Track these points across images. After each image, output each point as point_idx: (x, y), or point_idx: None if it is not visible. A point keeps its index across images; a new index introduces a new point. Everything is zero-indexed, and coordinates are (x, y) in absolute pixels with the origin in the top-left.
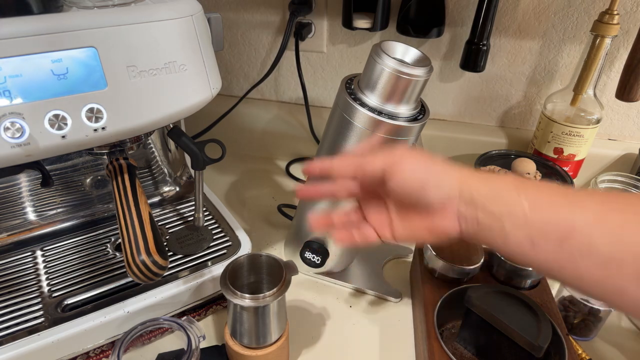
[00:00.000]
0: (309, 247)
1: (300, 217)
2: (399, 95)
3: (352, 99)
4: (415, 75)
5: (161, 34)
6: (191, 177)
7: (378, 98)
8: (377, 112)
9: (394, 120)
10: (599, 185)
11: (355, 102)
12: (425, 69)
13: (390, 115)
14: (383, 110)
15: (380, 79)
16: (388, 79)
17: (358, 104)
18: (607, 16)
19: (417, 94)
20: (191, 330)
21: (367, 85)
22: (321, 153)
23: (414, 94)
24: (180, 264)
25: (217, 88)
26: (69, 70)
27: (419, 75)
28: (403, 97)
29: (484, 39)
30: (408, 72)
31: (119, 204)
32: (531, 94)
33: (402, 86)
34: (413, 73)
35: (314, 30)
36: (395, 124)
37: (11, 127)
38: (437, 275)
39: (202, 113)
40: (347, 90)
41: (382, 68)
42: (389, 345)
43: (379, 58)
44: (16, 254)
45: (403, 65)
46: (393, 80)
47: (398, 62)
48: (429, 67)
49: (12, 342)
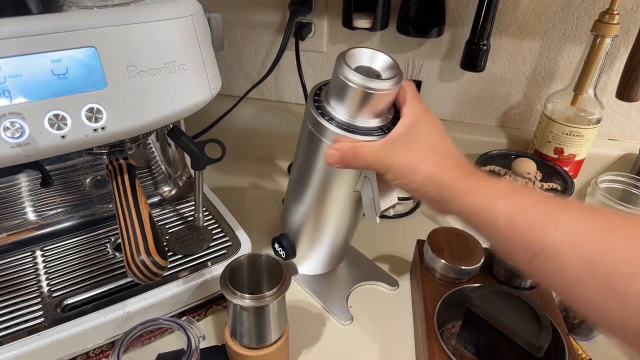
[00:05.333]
0: (279, 242)
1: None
2: (368, 110)
3: (320, 114)
4: (382, 89)
5: (161, 34)
6: (191, 177)
7: (346, 113)
8: (346, 128)
9: (365, 136)
10: (599, 185)
11: (323, 118)
12: (392, 81)
13: (360, 130)
14: (351, 126)
15: (346, 93)
16: (353, 95)
17: (326, 119)
18: (608, 16)
19: (387, 105)
20: (191, 331)
21: (334, 98)
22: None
23: (384, 107)
24: (180, 264)
25: (217, 88)
26: (68, 70)
27: (386, 89)
28: (372, 110)
29: (484, 38)
30: (373, 87)
31: (119, 204)
32: (531, 94)
33: (369, 101)
34: (379, 87)
35: (314, 30)
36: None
37: (11, 127)
38: (437, 275)
39: (202, 113)
40: (315, 104)
41: (344, 83)
42: (389, 345)
43: (342, 71)
44: (16, 254)
45: (367, 79)
46: (359, 95)
47: (362, 77)
48: (396, 77)
49: (12, 342)
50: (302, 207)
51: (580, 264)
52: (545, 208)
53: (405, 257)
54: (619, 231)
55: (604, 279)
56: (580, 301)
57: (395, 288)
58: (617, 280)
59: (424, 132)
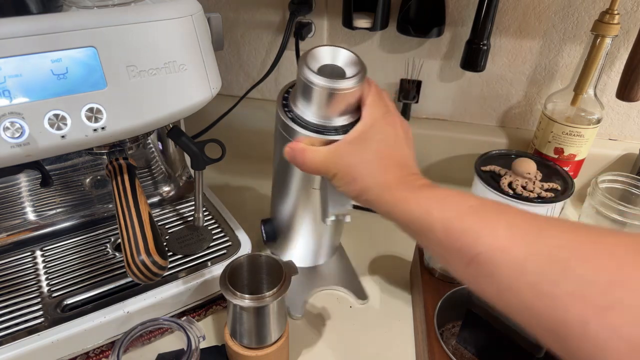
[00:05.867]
0: (264, 224)
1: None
2: (333, 109)
3: (285, 113)
4: (344, 88)
5: (161, 34)
6: (191, 177)
7: (312, 113)
8: (310, 128)
9: (335, 135)
10: (599, 185)
11: (288, 118)
12: (354, 80)
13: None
14: (316, 125)
15: (309, 95)
16: (316, 95)
17: (289, 117)
18: (608, 16)
19: (354, 102)
20: (191, 331)
21: (299, 99)
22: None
23: (350, 104)
24: (180, 264)
25: (217, 88)
26: (68, 70)
27: (347, 88)
28: (338, 109)
29: (485, 38)
30: (335, 87)
31: (119, 204)
32: (531, 94)
33: (332, 101)
34: (340, 87)
35: (314, 30)
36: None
37: (11, 127)
38: (437, 275)
39: (202, 113)
40: (282, 105)
41: (305, 84)
42: (389, 345)
43: (302, 72)
44: (16, 254)
45: (328, 80)
46: (321, 96)
47: (323, 79)
48: (358, 75)
49: (12, 342)
50: (277, 199)
51: (510, 269)
52: (479, 214)
53: (405, 257)
54: (547, 232)
55: (532, 282)
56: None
57: (365, 302)
58: (546, 283)
59: (375, 139)
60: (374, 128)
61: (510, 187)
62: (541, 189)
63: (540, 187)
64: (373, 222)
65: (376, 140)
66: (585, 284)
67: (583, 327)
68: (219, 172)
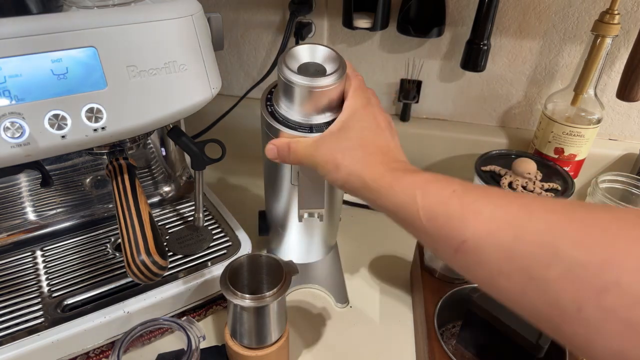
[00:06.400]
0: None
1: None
2: (314, 106)
3: (269, 113)
4: (323, 86)
5: (161, 34)
6: (191, 177)
7: (294, 111)
8: (297, 127)
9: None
10: (599, 185)
11: (276, 122)
12: (333, 76)
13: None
14: (303, 125)
15: (289, 93)
16: (296, 94)
17: (280, 122)
18: (608, 16)
19: (336, 99)
20: (191, 331)
21: (281, 97)
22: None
23: (332, 101)
24: (180, 264)
25: (217, 88)
26: (68, 70)
27: (327, 85)
28: (319, 106)
29: (485, 38)
30: (314, 85)
31: (119, 204)
32: (532, 94)
33: (312, 99)
34: (319, 85)
35: (314, 30)
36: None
37: (11, 127)
38: (437, 275)
39: (202, 113)
40: (267, 109)
41: (285, 84)
42: (389, 345)
43: (281, 72)
44: (16, 254)
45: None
46: (300, 94)
47: (303, 77)
48: (337, 71)
49: (12, 342)
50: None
51: (499, 253)
52: (463, 198)
53: (405, 257)
54: (536, 214)
55: (523, 266)
56: (503, 293)
57: (344, 306)
58: (536, 267)
59: (357, 127)
60: (355, 116)
61: (511, 187)
62: (541, 189)
63: (541, 187)
64: (373, 222)
65: (358, 128)
66: (578, 266)
67: (577, 312)
68: (219, 172)
